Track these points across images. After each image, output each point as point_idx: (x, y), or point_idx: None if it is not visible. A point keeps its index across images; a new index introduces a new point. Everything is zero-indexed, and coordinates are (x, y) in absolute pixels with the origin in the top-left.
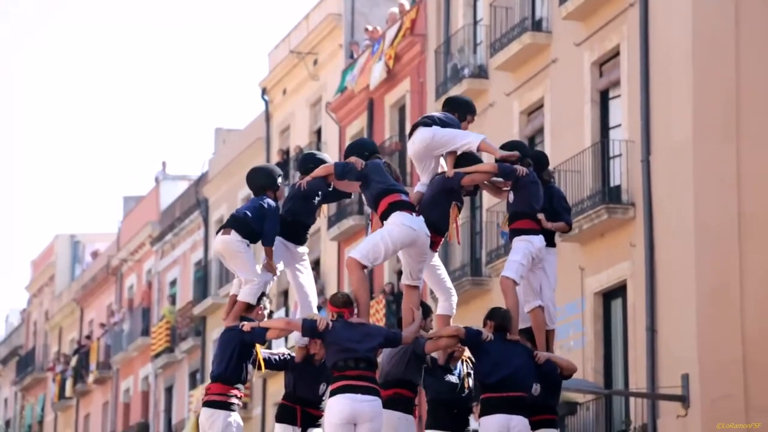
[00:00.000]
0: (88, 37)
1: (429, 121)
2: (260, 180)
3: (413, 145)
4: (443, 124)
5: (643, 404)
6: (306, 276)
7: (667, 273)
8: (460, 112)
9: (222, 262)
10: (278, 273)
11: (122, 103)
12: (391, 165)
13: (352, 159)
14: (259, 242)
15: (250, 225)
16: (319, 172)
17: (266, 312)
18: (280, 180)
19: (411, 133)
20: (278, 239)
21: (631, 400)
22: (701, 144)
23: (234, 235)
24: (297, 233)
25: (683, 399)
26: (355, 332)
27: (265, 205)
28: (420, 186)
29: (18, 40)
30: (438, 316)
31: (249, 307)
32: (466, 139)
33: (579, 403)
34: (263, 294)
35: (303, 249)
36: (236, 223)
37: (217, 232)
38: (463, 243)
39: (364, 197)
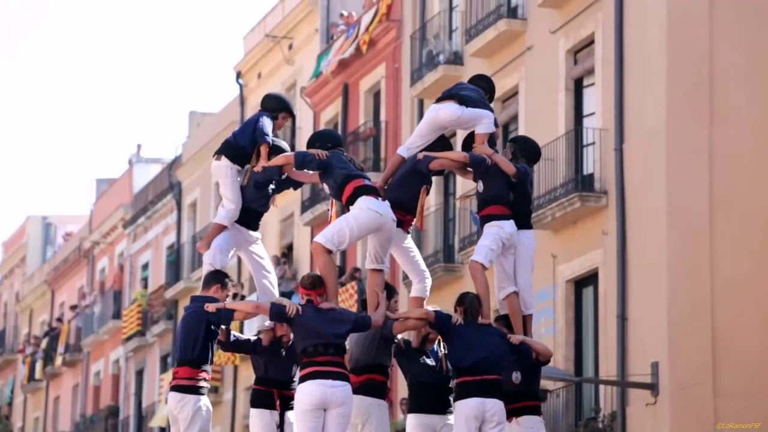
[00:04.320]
0: (62, 20)
1: (464, 99)
2: (265, 104)
3: (437, 114)
4: (474, 104)
5: (613, 392)
6: (261, 256)
7: (638, 261)
8: (491, 93)
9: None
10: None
11: (97, 85)
12: (354, 159)
13: (314, 150)
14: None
15: (235, 147)
16: (278, 161)
17: (230, 294)
18: (284, 107)
19: (441, 99)
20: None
21: (601, 387)
22: (674, 133)
23: (224, 161)
24: (249, 220)
25: (653, 387)
26: (324, 318)
27: (254, 120)
28: (402, 149)
29: None
30: (412, 299)
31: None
32: (479, 120)
33: (549, 391)
34: (227, 276)
35: (256, 234)
36: (226, 148)
37: (213, 156)
38: (436, 229)
39: (326, 186)
